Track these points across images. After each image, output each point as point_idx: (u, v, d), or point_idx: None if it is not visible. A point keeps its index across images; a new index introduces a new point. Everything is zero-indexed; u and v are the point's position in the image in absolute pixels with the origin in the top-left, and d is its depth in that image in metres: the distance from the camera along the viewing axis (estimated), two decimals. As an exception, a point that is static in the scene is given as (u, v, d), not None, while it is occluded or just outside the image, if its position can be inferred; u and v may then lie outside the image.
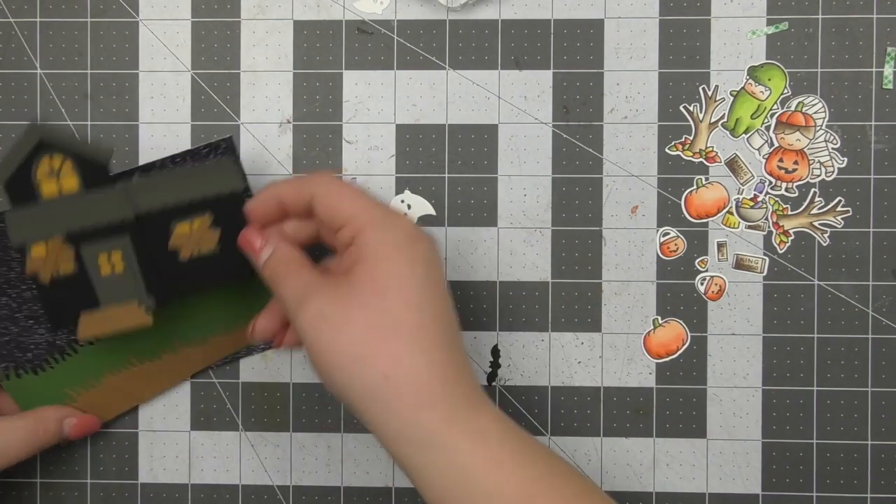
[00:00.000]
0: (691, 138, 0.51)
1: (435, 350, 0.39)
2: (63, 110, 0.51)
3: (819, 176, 0.50)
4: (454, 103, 0.51)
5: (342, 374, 0.39)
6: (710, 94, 0.50)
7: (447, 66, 0.51)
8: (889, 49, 0.50)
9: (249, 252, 0.43)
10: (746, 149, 0.50)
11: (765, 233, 0.50)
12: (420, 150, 0.51)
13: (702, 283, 0.51)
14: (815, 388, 0.50)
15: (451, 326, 0.41)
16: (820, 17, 0.50)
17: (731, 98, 0.50)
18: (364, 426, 0.40)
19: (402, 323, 0.39)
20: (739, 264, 0.50)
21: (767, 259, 0.50)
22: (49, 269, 0.41)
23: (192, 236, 0.42)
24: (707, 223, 0.51)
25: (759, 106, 0.50)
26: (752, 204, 0.50)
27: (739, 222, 0.50)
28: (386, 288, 0.39)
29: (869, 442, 0.50)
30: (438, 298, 0.40)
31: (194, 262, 0.44)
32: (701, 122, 0.51)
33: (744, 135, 0.50)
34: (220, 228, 0.43)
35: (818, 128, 0.50)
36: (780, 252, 0.50)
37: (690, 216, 0.51)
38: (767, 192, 0.50)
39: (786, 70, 0.50)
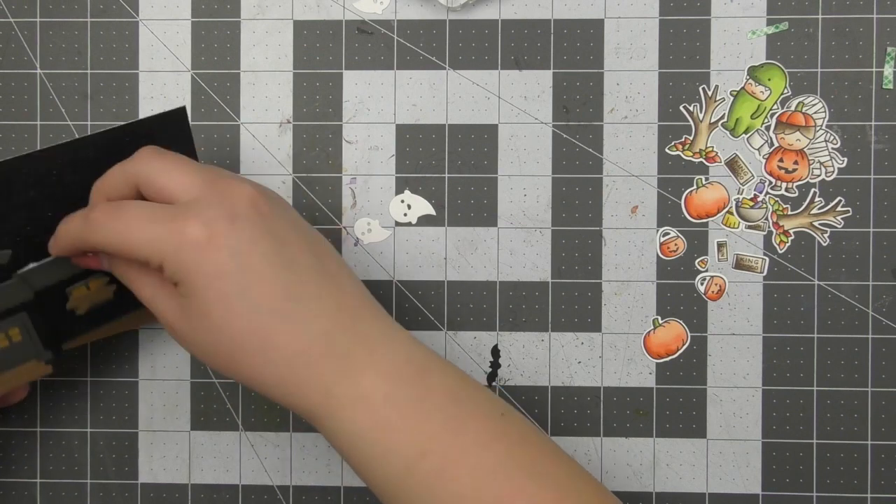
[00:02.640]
0: (691, 138, 0.51)
1: (287, 343, 0.38)
2: (63, 110, 0.51)
3: (819, 176, 0.50)
4: (454, 103, 0.51)
5: (220, 371, 0.39)
6: (710, 94, 0.50)
7: (447, 66, 0.51)
8: (889, 49, 0.50)
9: (87, 264, 0.42)
10: (746, 149, 0.50)
11: (765, 233, 0.50)
12: (420, 150, 0.51)
13: (702, 283, 0.51)
14: (815, 388, 0.50)
15: (301, 295, 0.38)
16: (820, 17, 0.50)
17: (731, 98, 0.50)
18: None
19: (239, 340, 0.37)
20: (739, 264, 0.50)
21: (767, 259, 0.50)
22: None
23: (89, 295, 0.44)
24: (707, 223, 0.51)
25: (759, 106, 0.50)
26: (752, 204, 0.50)
27: (739, 222, 0.50)
28: (208, 309, 0.37)
29: (869, 442, 0.50)
30: (270, 282, 0.37)
31: (92, 313, 0.45)
32: (701, 122, 0.51)
33: (744, 135, 0.50)
34: (117, 284, 0.44)
35: (818, 128, 0.50)
36: (780, 252, 0.50)
37: (690, 216, 0.51)
38: (767, 192, 0.50)
39: (786, 70, 0.50)
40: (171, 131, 0.42)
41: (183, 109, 0.42)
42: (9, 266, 0.42)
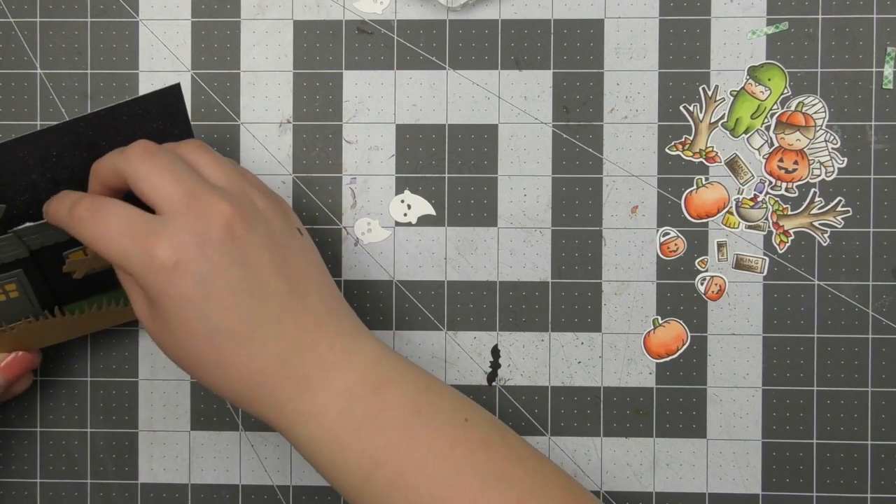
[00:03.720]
0: (691, 138, 0.51)
1: (243, 364, 0.39)
2: (63, 110, 0.51)
3: (819, 176, 0.50)
4: (454, 103, 0.51)
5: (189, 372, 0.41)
6: (710, 94, 0.50)
7: (447, 66, 0.51)
8: (889, 49, 0.50)
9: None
10: (746, 149, 0.50)
11: (765, 233, 0.50)
12: (420, 150, 0.51)
13: (702, 283, 0.51)
14: (815, 388, 0.50)
15: (259, 321, 0.39)
16: (820, 17, 0.50)
17: (731, 98, 0.50)
18: None
19: (201, 357, 0.39)
20: (739, 264, 0.50)
21: (767, 259, 0.50)
22: None
23: (86, 260, 0.45)
24: (707, 223, 0.51)
25: (759, 106, 0.50)
26: (752, 204, 0.50)
27: (739, 222, 0.50)
28: (172, 328, 0.39)
29: (869, 442, 0.50)
30: (230, 311, 0.38)
31: (91, 278, 0.46)
32: (701, 122, 0.51)
33: (744, 135, 0.50)
34: None
35: (818, 128, 0.50)
36: (780, 252, 0.50)
37: (690, 216, 0.51)
38: (767, 192, 0.50)
39: (786, 70, 0.50)
40: (167, 109, 0.42)
41: (177, 87, 0.42)
42: (3, 223, 0.43)
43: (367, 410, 0.39)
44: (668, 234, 0.51)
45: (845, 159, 0.50)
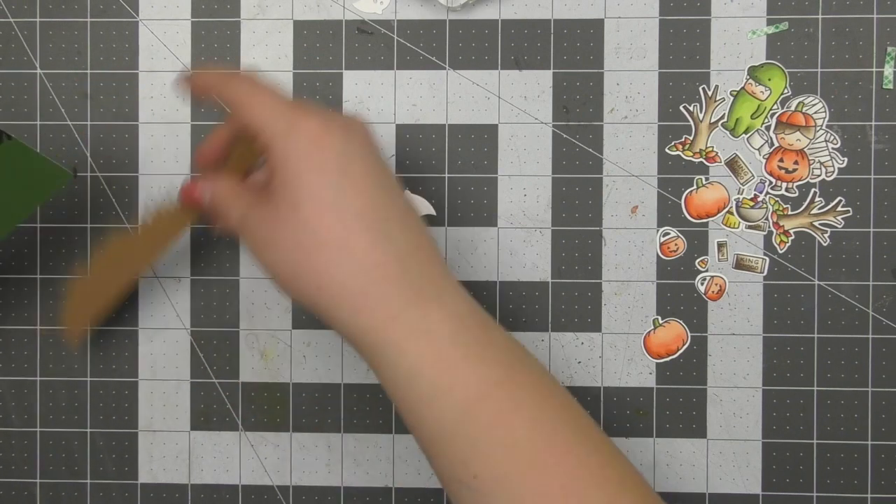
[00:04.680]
0: (691, 138, 0.51)
1: (366, 252, 0.38)
2: (63, 110, 0.51)
3: (819, 176, 0.50)
4: (454, 103, 0.51)
5: (285, 287, 0.40)
6: (710, 94, 0.50)
7: (447, 66, 0.51)
8: (889, 49, 0.50)
9: (194, 203, 0.44)
10: (746, 149, 0.50)
11: (765, 233, 0.50)
12: (420, 150, 0.51)
13: (702, 283, 0.51)
14: (815, 388, 0.50)
15: (387, 218, 0.39)
16: (820, 17, 0.50)
17: (731, 98, 0.50)
18: None
19: (324, 234, 0.38)
20: (739, 264, 0.50)
21: (767, 259, 0.50)
22: None
23: None
24: (707, 223, 0.51)
25: (759, 106, 0.50)
26: (752, 204, 0.50)
27: (739, 222, 0.50)
28: (299, 201, 0.39)
29: (869, 442, 0.50)
30: (364, 194, 0.39)
31: None
32: (701, 122, 0.51)
33: (744, 135, 0.50)
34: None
35: (818, 128, 0.50)
36: (781, 252, 0.50)
37: (690, 216, 0.51)
38: (767, 192, 0.50)
39: (786, 70, 0.50)
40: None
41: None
42: None
43: (477, 339, 0.39)
44: (668, 234, 0.51)
45: (845, 159, 0.50)
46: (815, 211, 0.50)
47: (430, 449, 0.39)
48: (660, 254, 0.51)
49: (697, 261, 0.51)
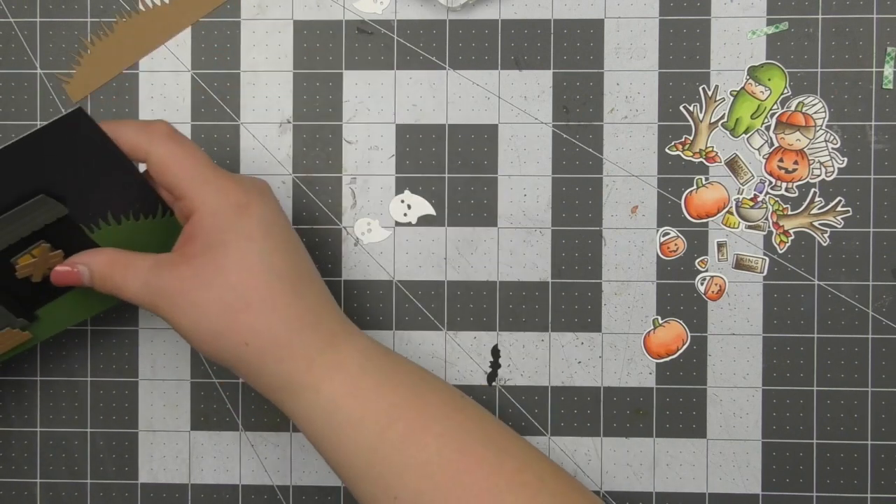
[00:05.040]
0: (691, 138, 0.51)
1: (288, 307, 0.41)
2: (63, 110, 0.51)
3: (819, 176, 0.50)
4: (454, 103, 0.51)
5: (209, 347, 0.42)
6: (710, 94, 0.50)
7: (447, 66, 0.51)
8: (889, 49, 0.50)
9: (70, 282, 0.44)
10: (746, 149, 0.50)
11: (765, 233, 0.50)
12: (420, 150, 0.51)
13: (702, 283, 0.51)
14: (815, 388, 0.50)
15: (300, 277, 0.43)
16: (820, 17, 0.50)
17: (731, 98, 0.50)
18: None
19: (251, 294, 0.41)
20: (739, 264, 0.51)
21: (767, 259, 0.50)
22: None
23: (38, 262, 0.44)
24: (707, 223, 0.51)
25: (759, 106, 0.50)
26: (752, 204, 0.50)
27: (739, 222, 0.50)
28: (226, 266, 0.41)
29: (869, 442, 0.50)
30: (282, 256, 0.42)
31: (48, 279, 0.45)
32: (701, 122, 0.51)
33: (744, 135, 0.50)
34: (61, 248, 0.44)
35: (818, 128, 0.50)
36: (780, 252, 0.50)
37: (690, 216, 0.51)
38: (767, 192, 0.50)
39: (786, 70, 0.50)
40: (79, 134, 0.42)
41: (79, 111, 0.41)
42: None
43: (382, 369, 0.43)
44: (668, 234, 0.51)
45: (845, 159, 0.50)
46: (814, 211, 0.50)
47: (352, 478, 0.42)
48: (660, 254, 0.51)
49: (697, 261, 0.51)
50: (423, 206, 0.51)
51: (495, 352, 0.51)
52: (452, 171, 0.51)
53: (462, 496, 0.40)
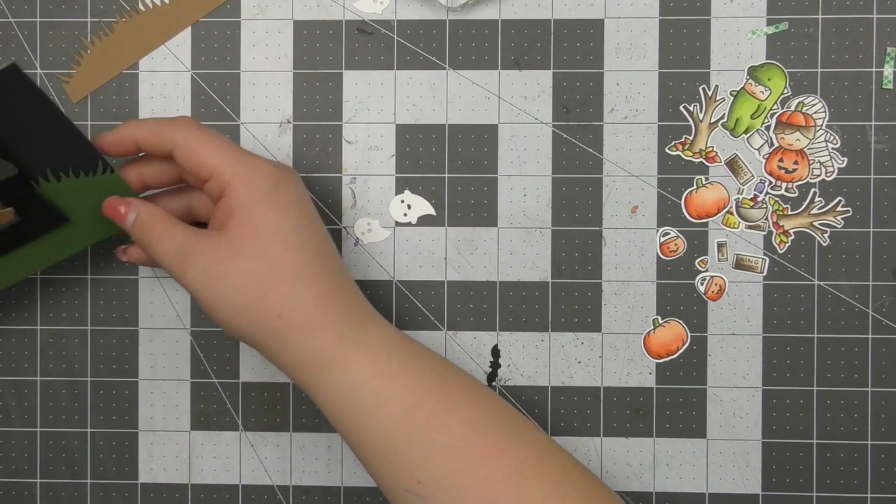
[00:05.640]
0: (691, 138, 0.51)
1: (319, 281, 0.42)
2: (63, 110, 0.51)
3: (819, 176, 0.50)
4: (454, 103, 0.51)
5: (238, 321, 0.42)
6: (710, 94, 0.50)
7: (447, 66, 0.51)
8: (889, 49, 0.50)
9: (115, 218, 0.45)
10: (746, 149, 0.50)
11: (765, 233, 0.50)
12: (420, 150, 0.51)
13: (702, 283, 0.51)
14: (815, 388, 0.50)
15: (330, 255, 0.44)
16: (820, 17, 0.50)
17: (731, 98, 0.50)
18: (264, 357, 0.44)
19: (285, 266, 0.41)
20: (739, 264, 0.51)
21: (767, 259, 0.50)
22: None
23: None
24: (707, 223, 0.51)
25: (759, 106, 0.50)
26: (752, 204, 0.50)
27: (739, 222, 0.50)
28: (263, 236, 0.42)
29: (869, 442, 0.50)
30: (314, 233, 0.43)
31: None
32: (701, 122, 0.51)
33: (744, 135, 0.50)
34: (11, 205, 0.44)
35: (818, 128, 0.50)
36: (780, 252, 0.50)
37: (690, 216, 0.51)
38: (767, 192, 0.50)
39: (786, 70, 0.50)
40: (14, 90, 0.41)
41: (13, 66, 0.41)
42: None
43: (409, 352, 0.43)
44: (668, 234, 0.51)
45: (845, 159, 0.50)
46: (814, 211, 0.50)
47: (374, 459, 0.42)
48: (660, 254, 0.51)
49: (697, 261, 0.51)
50: (423, 206, 0.51)
51: (495, 352, 0.51)
52: (452, 171, 0.51)
53: (486, 481, 0.40)
